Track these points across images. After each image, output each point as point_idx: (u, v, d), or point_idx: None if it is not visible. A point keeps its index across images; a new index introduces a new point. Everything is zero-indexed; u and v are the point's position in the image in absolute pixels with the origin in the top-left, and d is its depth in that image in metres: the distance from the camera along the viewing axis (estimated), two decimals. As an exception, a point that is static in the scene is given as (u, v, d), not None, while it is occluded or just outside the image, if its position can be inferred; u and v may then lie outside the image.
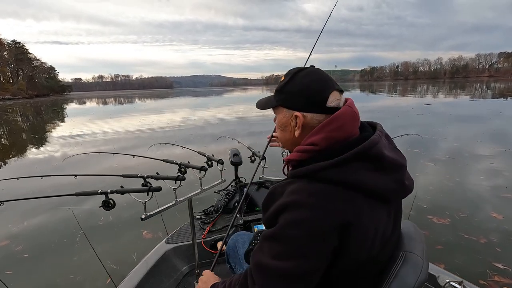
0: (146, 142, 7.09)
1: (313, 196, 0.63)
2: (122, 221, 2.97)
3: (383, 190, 0.66)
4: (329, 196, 0.63)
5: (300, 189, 0.65)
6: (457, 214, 2.83)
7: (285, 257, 0.63)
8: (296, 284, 0.64)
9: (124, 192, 1.12)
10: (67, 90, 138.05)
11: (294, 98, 0.74)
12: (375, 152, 0.66)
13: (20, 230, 2.94)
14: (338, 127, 0.68)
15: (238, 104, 21.82)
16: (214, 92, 73.01)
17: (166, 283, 1.61)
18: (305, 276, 0.63)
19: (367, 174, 0.65)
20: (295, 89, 0.74)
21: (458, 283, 1.00)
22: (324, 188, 0.64)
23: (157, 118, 13.20)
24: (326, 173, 0.64)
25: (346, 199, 0.63)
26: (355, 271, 0.69)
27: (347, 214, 0.62)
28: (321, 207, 0.62)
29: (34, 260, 2.43)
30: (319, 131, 0.69)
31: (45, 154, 6.58)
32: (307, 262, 0.63)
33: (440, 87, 39.57)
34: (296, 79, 0.74)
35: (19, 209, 3.38)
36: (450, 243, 2.36)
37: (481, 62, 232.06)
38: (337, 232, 0.62)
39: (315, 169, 0.65)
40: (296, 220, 0.62)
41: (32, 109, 26.78)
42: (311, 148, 0.69)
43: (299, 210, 0.62)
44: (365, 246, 0.66)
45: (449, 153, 5.03)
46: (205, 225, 1.92)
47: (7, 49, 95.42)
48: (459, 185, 3.60)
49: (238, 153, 2.13)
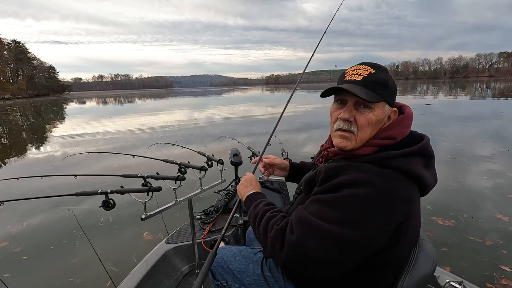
0: (146, 142, 7.09)
1: (381, 177, 0.66)
2: (122, 221, 2.96)
3: (429, 186, 0.73)
4: (395, 181, 0.67)
5: (368, 170, 0.68)
6: (462, 215, 2.80)
7: (333, 222, 0.65)
8: (334, 250, 0.64)
9: (124, 192, 1.12)
10: (67, 90, 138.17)
11: (394, 95, 0.78)
12: (430, 150, 0.75)
13: (20, 231, 2.93)
14: (407, 125, 0.77)
15: (238, 104, 21.82)
16: (214, 92, 73.03)
17: (166, 283, 1.61)
18: (344, 245, 0.64)
19: (423, 169, 0.71)
20: (394, 86, 0.78)
21: (458, 283, 1.00)
22: (391, 173, 0.67)
23: (157, 118, 13.19)
24: (395, 161, 0.69)
25: (409, 188, 0.68)
26: (394, 258, 0.72)
27: (409, 203, 0.67)
28: (387, 191, 0.65)
29: (33, 261, 2.41)
30: (395, 126, 0.75)
31: (45, 154, 6.57)
32: (353, 234, 0.63)
33: (440, 87, 39.58)
34: (388, 76, 0.77)
35: (19, 209, 3.37)
36: (456, 245, 2.32)
37: (481, 62, 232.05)
38: (398, 220, 0.66)
39: (385, 157, 0.70)
40: (361, 195, 0.64)
41: (32, 109, 26.78)
42: (389, 142, 0.74)
43: (365, 188, 0.65)
44: (413, 235, 0.72)
45: (451, 153, 5.00)
46: (205, 225, 1.92)
47: (7, 49, 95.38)
48: (462, 186, 3.57)
49: (238, 153, 2.12)
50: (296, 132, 7.69)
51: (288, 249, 0.67)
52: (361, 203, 0.64)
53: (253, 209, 0.86)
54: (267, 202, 0.87)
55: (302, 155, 4.97)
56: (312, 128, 8.41)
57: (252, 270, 0.96)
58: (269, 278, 0.92)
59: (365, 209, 0.63)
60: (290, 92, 1.44)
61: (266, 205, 0.84)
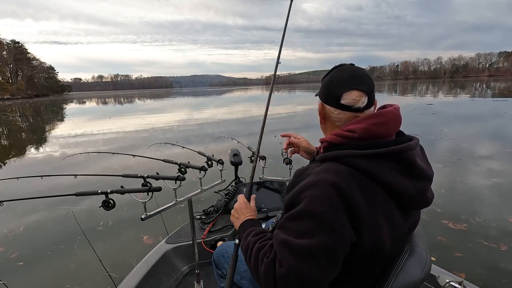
0: (146, 142, 7.08)
1: (339, 176, 0.65)
2: (122, 221, 2.96)
3: (402, 193, 0.69)
4: (354, 179, 0.66)
5: (328, 169, 0.68)
6: (473, 219, 2.72)
7: (309, 235, 0.63)
8: (322, 260, 0.63)
9: (124, 192, 1.12)
10: (66, 90, 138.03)
11: (322, 89, 0.82)
12: (409, 157, 0.70)
13: (20, 231, 2.93)
14: (380, 123, 0.71)
15: (238, 104, 21.82)
16: (214, 92, 72.96)
17: (166, 283, 1.61)
18: (330, 252, 0.63)
19: (393, 174, 0.68)
20: (324, 81, 0.81)
21: (458, 283, 1.00)
22: (351, 172, 0.67)
23: (157, 118, 13.19)
24: (356, 160, 0.67)
25: (366, 189, 0.66)
26: (362, 261, 0.70)
27: (367, 206, 0.65)
28: (345, 184, 0.64)
29: (31, 264, 2.39)
30: (361, 121, 0.72)
31: (44, 154, 6.57)
32: (331, 237, 0.63)
33: (440, 87, 39.56)
34: (330, 73, 0.81)
35: (19, 209, 3.37)
36: (469, 251, 2.25)
37: (481, 61, 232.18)
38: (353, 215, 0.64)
39: (347, 155, 0.68)
40: (320, 195, 0.64)
41: (31, 109, 26.76)
42: (348, 134, 0.72)
43: (323, 187, 0.64)
44: (374, 238, 0.67)
45: (457, 154, 4.93)
46: (205, 225, 1.92)
47: (6, 49, 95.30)
48: (471, 188, 3.49)
49: (238, 153, 2.12)
50: (295, 131, 7.68)
51: (280, 282, 0.65)
52: (323, 202, 0.63)
53: (243, 241, 0.82)
54: (257, 231, 0.82)
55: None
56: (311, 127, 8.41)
57: None
58: None
59: (329, 206, 0.63)
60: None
61: (255, 235, 0.80)
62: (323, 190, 0.64)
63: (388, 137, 0.73)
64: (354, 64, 0.83)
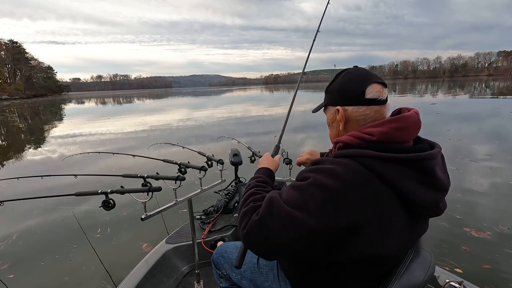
0: (145, 142, 7.08)
1: (353, 173, 0.64)
2: (122, 222, 2.96)
3: (415, 201, 0.66)
4: (367, 181, 0.64)
5: (342, 163, 0.67)
6: (497, 226, 2.57)
7: (297, 208, 0.65)
8: (290, 232, 0.64)
9: (124, 192, 1.12)
10: (65, 90, 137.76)
11: (335, 95, 0.81)
12: (429, 166, 0.67)
13: (20, 231, 2.92)
14: (401, 127, 0.69)
15: (237, 103, 21.82)
16: (213, 91, 72.92)
17: (166, 283, 1.61)
18: (303, 231, 0.64)
19: (409, 181, 0.65)
20: (336, 87, 0.81)
21: (458, 283, 1.01)
22: (365, 172, 0.65)
23: (156, 118, 13.18)
24: (372, 162, 0.65)
25: (376, 192, 0.64)
26: (362, 264, 0.70)
27: (371, 208, 0.63)
28: (354, 182, 0.63)
29: (31, 265, 2.40)
30: (381, 125, 0.70)
31: (43, 155, 6.55)
32: (312, 220, 0.63)
33: (440, 86, 39.62)
34: (338, 79, 0.81)
35: (19, 209, 3.37)
36: (498, 263, 2.09)
37: (480, 61, 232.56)
38: (355, 220, 0.63)
39: (363, 154, 0.67)
40: (326, 185, 0.63)
41: (29, 110, 26.69)
42: (366, 136, 0.70)
43: (333, 178, 0.64)
44: (376, 243, 0.66)
45: (468, 155, 4.73)
46: (205, 225, 1.92)
47: (4, 49, 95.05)
48: (489, 192, 3.31)
49: (238, 153, 2.12)
50: (295, 131, 7.69)
51: (249, 226, 0.69)
52: (325, 192, 0.63)
53: (249, 181, 0.91)
54: (263, 180, 0.89)
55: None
56: (310, 127, 8.41)
57: (249, 259, 1.03)
58: (264, 267, 1.00)
59: (328, 198, 0.63)
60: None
61: (260, 182, 0.88)
62: (330, 181, 0.63)
63: (404, 143, 0.70)
64: (358, 66, 0.84)
